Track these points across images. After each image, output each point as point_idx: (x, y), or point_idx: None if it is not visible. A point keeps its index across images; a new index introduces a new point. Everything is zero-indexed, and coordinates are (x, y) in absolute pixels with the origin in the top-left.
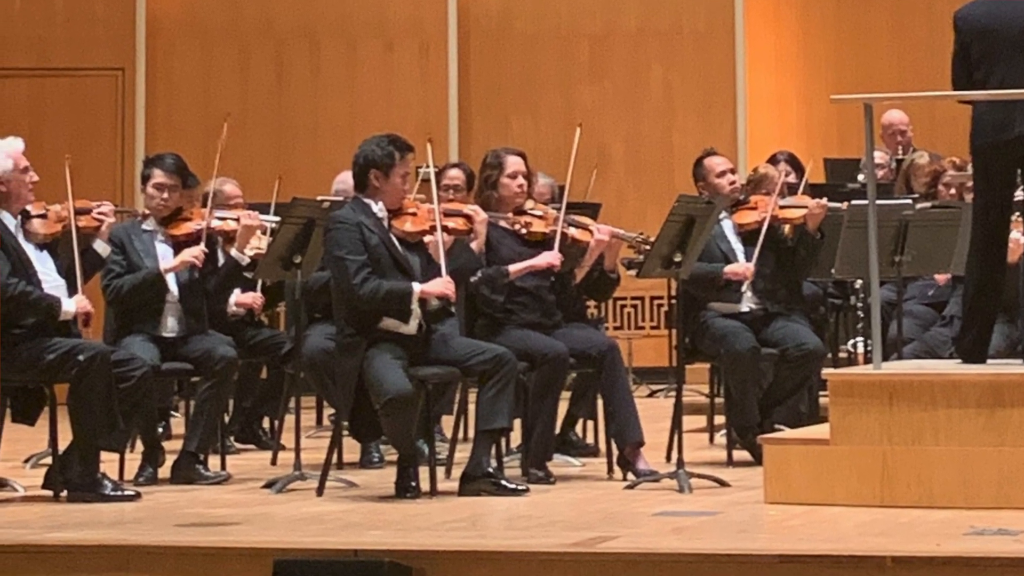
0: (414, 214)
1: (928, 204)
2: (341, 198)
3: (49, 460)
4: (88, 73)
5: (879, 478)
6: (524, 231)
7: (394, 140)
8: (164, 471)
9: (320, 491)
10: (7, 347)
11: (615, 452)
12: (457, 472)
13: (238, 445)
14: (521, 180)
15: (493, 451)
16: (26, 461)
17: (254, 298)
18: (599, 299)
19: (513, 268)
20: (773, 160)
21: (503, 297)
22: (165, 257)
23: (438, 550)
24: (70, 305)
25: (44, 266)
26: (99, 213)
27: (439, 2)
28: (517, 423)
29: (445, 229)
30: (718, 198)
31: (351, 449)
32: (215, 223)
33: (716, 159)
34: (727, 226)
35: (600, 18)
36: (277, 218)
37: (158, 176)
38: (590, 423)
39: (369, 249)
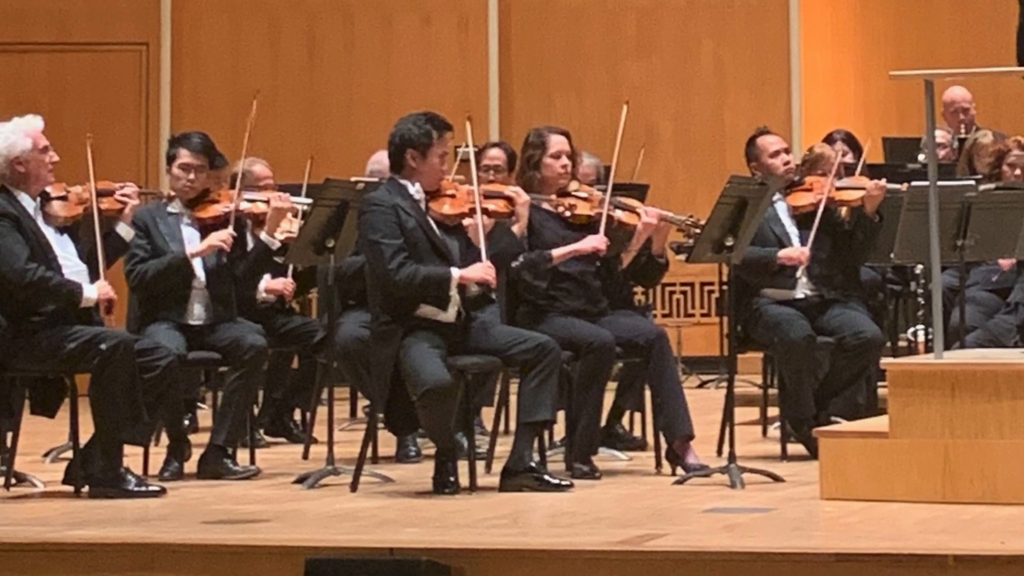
0: (453, 196)
1: (992, 185)
2: (376, 179)
3: (70, 454)
4: (111, 48)
5: (940, 473)
6: (568, 214)
7: (432, 118)
8: (190, 466)
9: (354, 487)
10: (26, 335)
11: (663, 446)
12: (498, 467)
13: (268, 438)
14: (565, 160)
15: (535, 445)
16: (46, 455)
17: (285, 284)
18: (647, 285)
19: (557, 253)
20: (829, 139)
21: (546, 283)
22: (191, 241)
23: (478, 548)
24: (92, 291)
25: (64, 250)
26: (122, 195)
27: None
28: (561, 415)
29: (485, 212)
30: (771, 179)
31: (386, 443)
32: (244, 205)
33: (769, 138)
34: (781, 208)
35: None
36: (309, 200)
37: (184, 156)
38: (637, 415)
39: (405, 233)
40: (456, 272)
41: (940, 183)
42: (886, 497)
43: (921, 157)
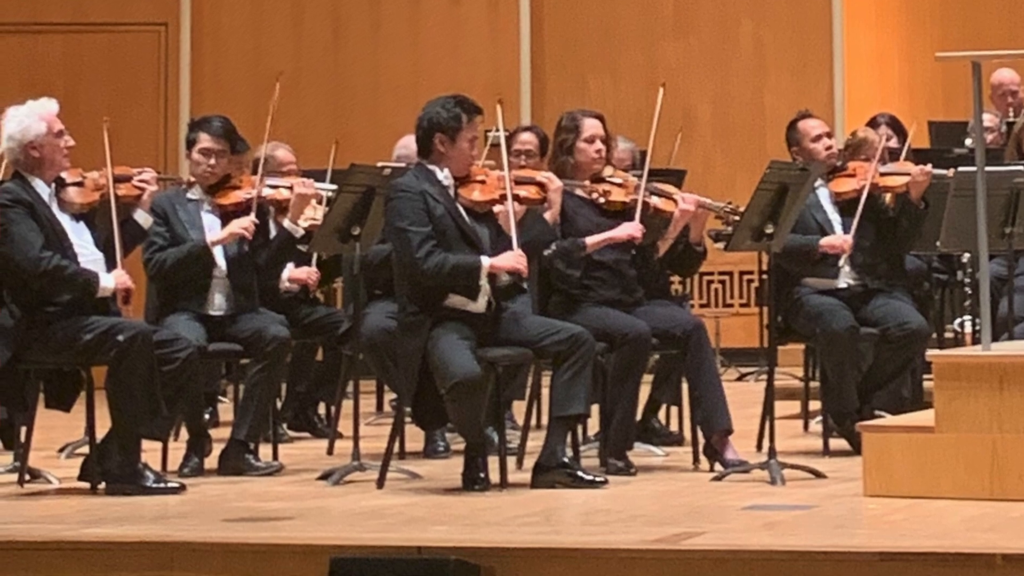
0: (483, 182)
1: None
2: (403, 164)
3: (86, 449)
4: (128, 28)
5: (988, 469)
6: (602, 200)
7: (461, 101)
8: (211, 461)
9: (380, 483)
10: (41, 326)
11: (701, 441)
12: (529, 462)
13: (291, 433)
14: (599, 145)
15: (569, 439)
16: (61, 450)
17: (309, 273)
18: (684, 274)
19: (590, 240)
20: (873, 123)
21: (579, 272)
22: (212, 229)
23: (509, 547)
24: (109, 281)
25: (80, 238)
26: (140, 181)
27: None
28: (595, 409)
29: (516, 198)
30: (813, 164)
31: (414, 437)
32: (266, 192)
33: (811, 122)
34: (823, 195)
35: None
36: (334, 186)
37: (204, 140)
38: (674, 409)
39: (434, 220)
40: (486, 261)
41: (988, 168)
42: (932, 494)
43: (968, 141)
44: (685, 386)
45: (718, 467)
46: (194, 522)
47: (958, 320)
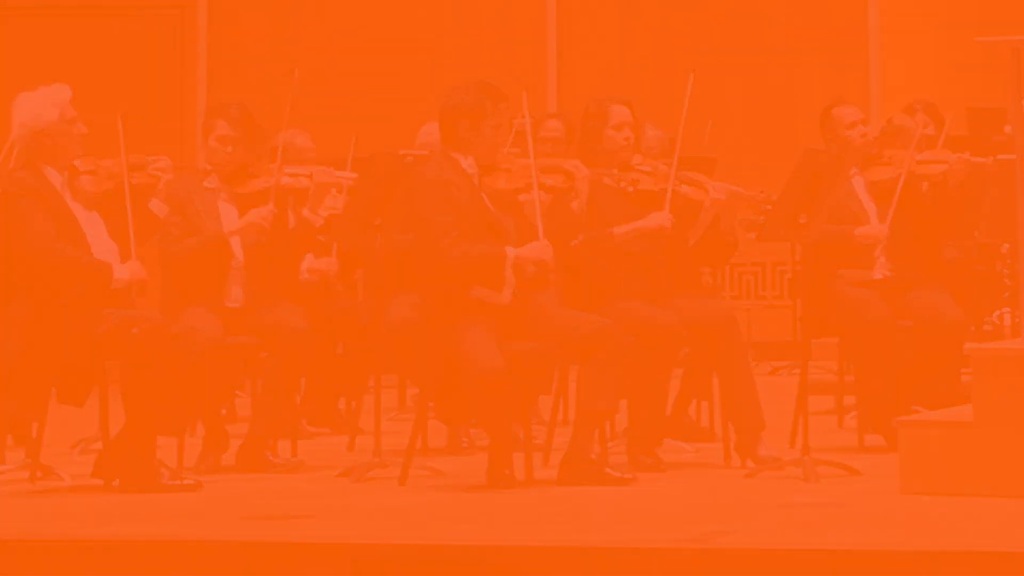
0: (508, 170)
1: None
2: (426, 152)
3: (99, 445)
4: (144, 11)
5: None
6: (631, 189)
7: (485, 87)
8: (228, 458)
9: (403, 480)
10: (53, 318)
11: (733, 436)
12: (556, 459)
13: (311, 429)
14: (627, 132)
15: (596, 435)
16: (74, 447)
17: (329, 264)
18: (715, 265)
19: (619, 231)
20: (910, 110)
21: (607, 263)
22: (229, 218)
23: (535, 546)
24: (123, 272)
25: (94, 228)
26: (155, 169)
27: None
28: (623, 404)
29: (542, 187)
30: (848, 152)
31: (437, 433)
32: (285, 180)
33: (845, 109)
34: (858, 183)
35: None
36: (355, 174)
37: (221, 128)
38: (704, 404)
39: (457, 209)
40: (511, 251)
41: None
42: (970, 491)
43: (1008, 129)
44: (716, 380)
45: (750, 463)
46: (211, 521)
47: (997, 312)
